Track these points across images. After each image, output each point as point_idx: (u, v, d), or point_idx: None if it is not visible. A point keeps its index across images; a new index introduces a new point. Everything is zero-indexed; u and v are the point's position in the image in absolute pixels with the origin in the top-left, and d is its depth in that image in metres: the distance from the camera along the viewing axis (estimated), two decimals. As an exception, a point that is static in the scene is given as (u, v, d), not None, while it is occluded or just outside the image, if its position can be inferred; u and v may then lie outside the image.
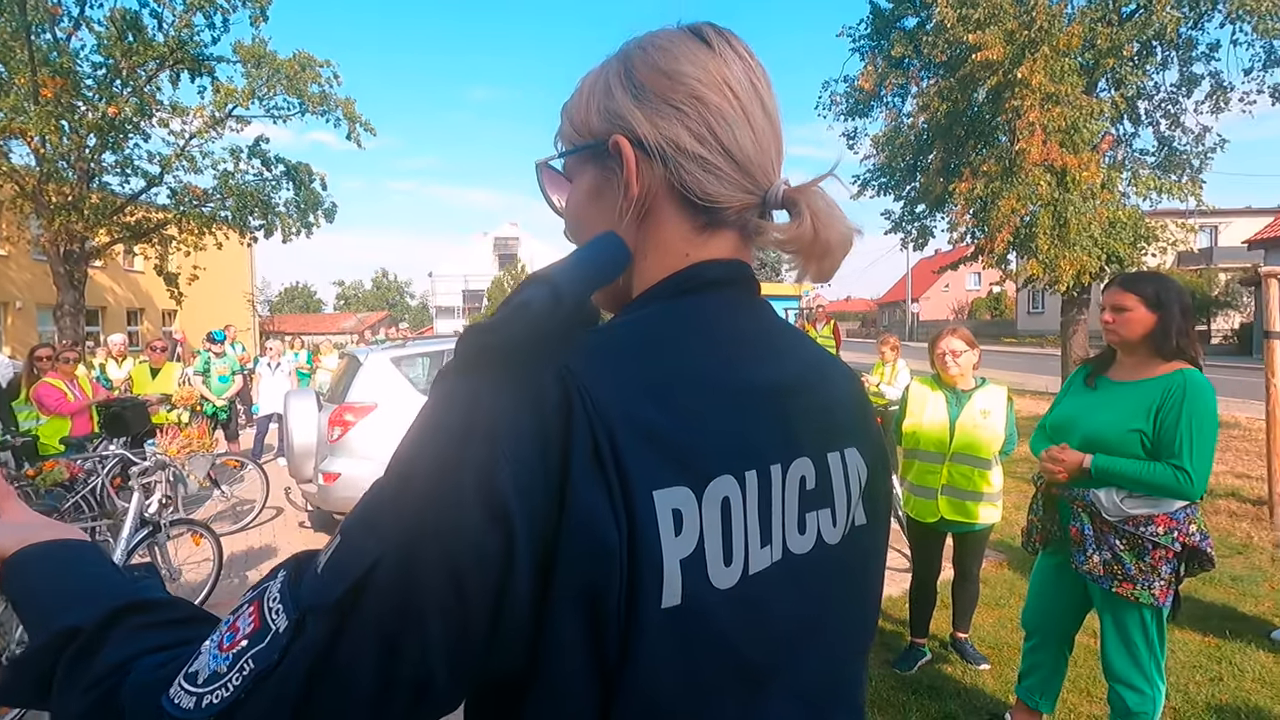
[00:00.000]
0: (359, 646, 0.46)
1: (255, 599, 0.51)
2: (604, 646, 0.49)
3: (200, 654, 0.49)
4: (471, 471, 0.47)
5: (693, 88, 0.60)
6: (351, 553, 0.48)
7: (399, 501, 0.49)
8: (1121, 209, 9.62)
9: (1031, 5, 8.59)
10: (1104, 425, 2.19)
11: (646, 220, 0.62)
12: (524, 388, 0.49)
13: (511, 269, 45.43)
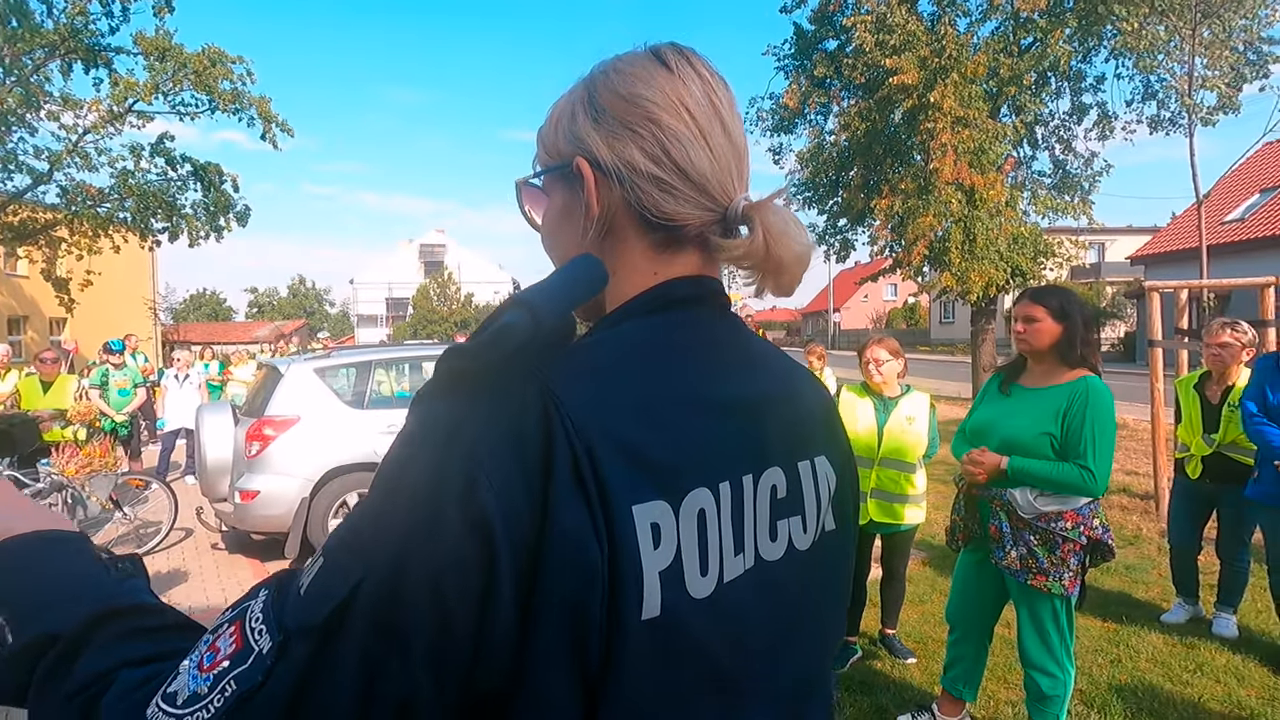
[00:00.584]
0: (344, 668, 0.46)
1: (236, 618, 0.50)
2: (587, 657, 0.49)
3: (179, 674, 0.49)
4: (453, 491, 0.47)
5: (648, 110, 0.61)
6: (335, 573, 0.48)
7: (381, 521, 0.49)
8: (1023, 226, 10.35)
9: (942, 34, 9.16)
10: (1018, 429, 2.36)
11: (610, 239, 0.64)
12: (504, 408, 0.50)
13: (438, 276, 44.33)
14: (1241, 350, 3.49)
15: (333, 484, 5.43)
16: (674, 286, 0.63)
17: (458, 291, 43.11)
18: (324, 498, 5.38)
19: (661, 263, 0.63)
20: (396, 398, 6.13)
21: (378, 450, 5.59)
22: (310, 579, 0.49)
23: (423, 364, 6.85)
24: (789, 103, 12.03)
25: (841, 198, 11.84)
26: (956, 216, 9.51)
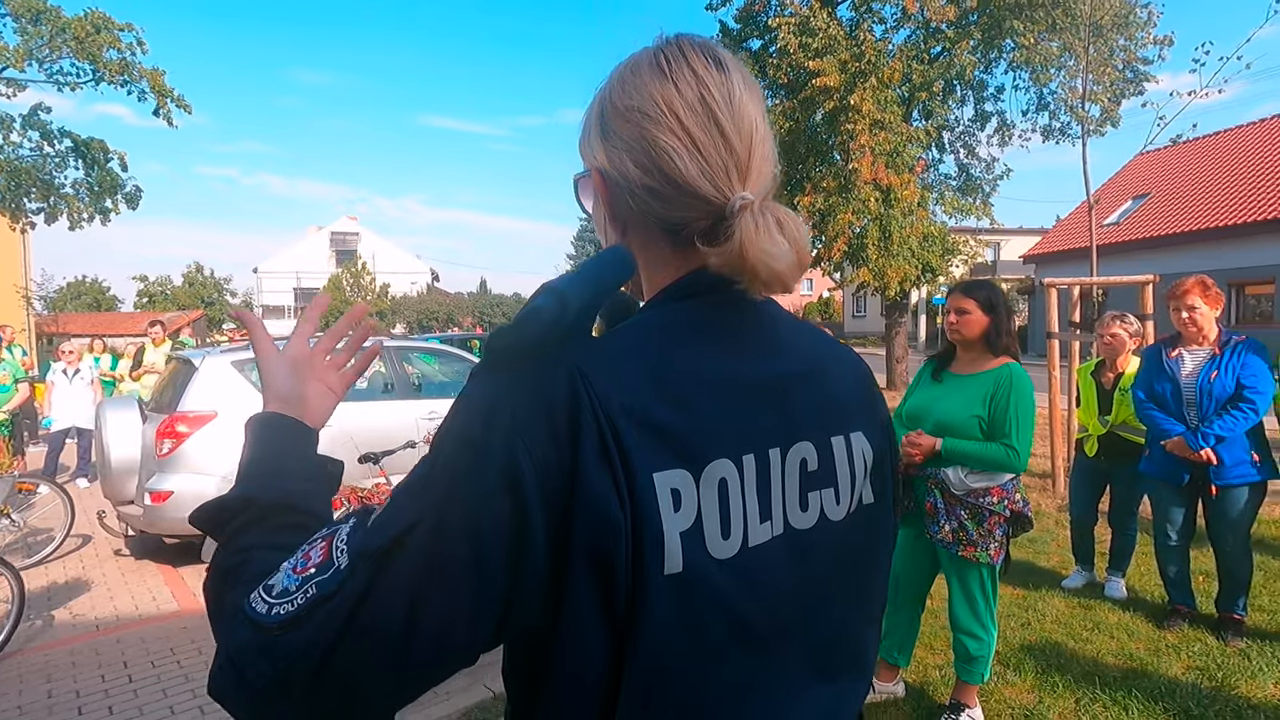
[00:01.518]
0: (393, 592, 0.53)
1: (328, 536, 0.59)
2: (615, 605, 0.56)
3: (278, 571, 0.58)
4: (493, 454, 0.54)
5: (638, 123, 0.65)
6: (395, 513, 0.56)
7: (435, 474, 0.57)
8: (932, 225, 11.00)
9: (861, 40, 9.59)
10: (949, 412, 2.55)
11: (634, 236, 0.70)
12: (536, 383, 0.57)
13: (350, 266, 42.42)
14: (1129, 340, 3.88)
15: (254, 482, 5.17)
16: (699, 276, 0.66)
17: (372, 282, 41.42)
18: (245, 497, 5.11)
19: (682, 256, 0.68)
20: (323, 391, 5.87)
21: (303, 446, 5.36)
22: (377, 516, 0.57)
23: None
24: (715, 99, 12.27)
25: (767, 194, 12.21)
26: (874, 215, 10.01)
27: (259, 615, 0.56)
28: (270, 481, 0.68)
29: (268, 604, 0.56)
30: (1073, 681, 2.95)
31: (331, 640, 0.53)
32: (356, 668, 0.54)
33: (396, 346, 6.39)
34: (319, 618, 0.54)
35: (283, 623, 0.54)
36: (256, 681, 0.54)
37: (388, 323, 38.37)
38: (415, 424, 5.89)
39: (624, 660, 0.57)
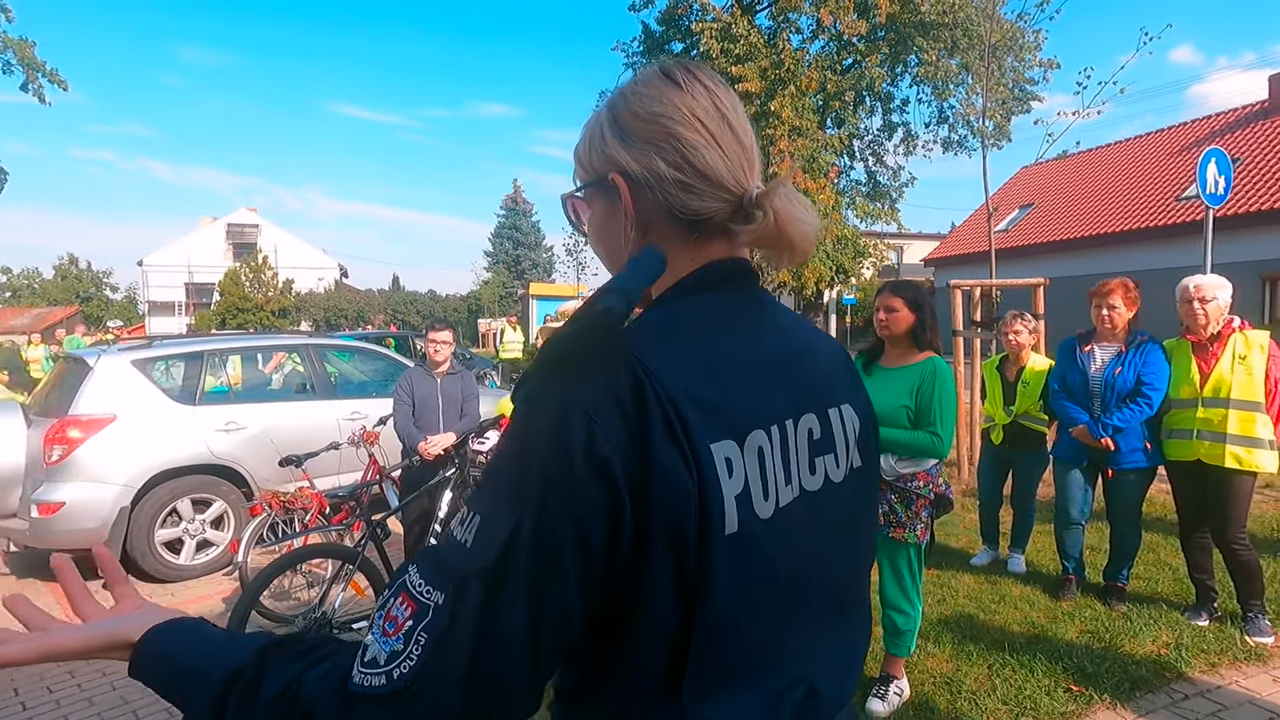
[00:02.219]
0: (516, 595, 0.57)
1: (399, 590, 0.61)
2: (684, 571, 0.63)
3: (368, 647, 0.59)
4: (579, 447, 0.59)
5: (665, 125, 0.73)
6: (494, 522, 0.60)
7: (523, 476, 0.60)
8: (845, 228, 11.55)
9: (780, 49, 9.95)
10: (880, 403, 2.70)
11: (650, 235, 0.76)
12: (603, 378, 0.63)
13: (250, 260, 39.84)
14: (1029, 337, 4.24)
15: (159, 490, 4.83)
16: (712, 269, 0.75)
17: (274, 277, 39.12)
18: (149, 506, 4.76)
19: (696, 249, 0.76)
20: (238, 392, 5.54)
21: (214, 450, 5.05)
22: (472, 533, 0.60)
23: (258, 355, 6.26)
24: (639, 100, 12.41)
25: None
26: (792, 217, 10.42)
27: (380, 688, 0.57)
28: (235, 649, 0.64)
29: (383, 672, 0.57)
30: (985, 649, 3.21)
31: (464, 668, 0.56)
32: (498, 680, 0.57)
33: (314, 344, 6.10)
34: (446, 654, 0.57)
35: (411, 678, 0.56)
36: None
37: (292, 320, 36.36)
38: (336, 424, 5.66)
39: (693, 616, 0.62)
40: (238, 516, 5.13)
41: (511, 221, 45.54)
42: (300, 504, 4.38)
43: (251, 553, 4.12)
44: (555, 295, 24.99)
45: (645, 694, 0.64)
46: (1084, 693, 2.84)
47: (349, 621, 3.26)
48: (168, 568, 4.85)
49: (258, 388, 5.82)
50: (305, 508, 4.41)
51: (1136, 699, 2.81)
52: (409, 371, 4.44)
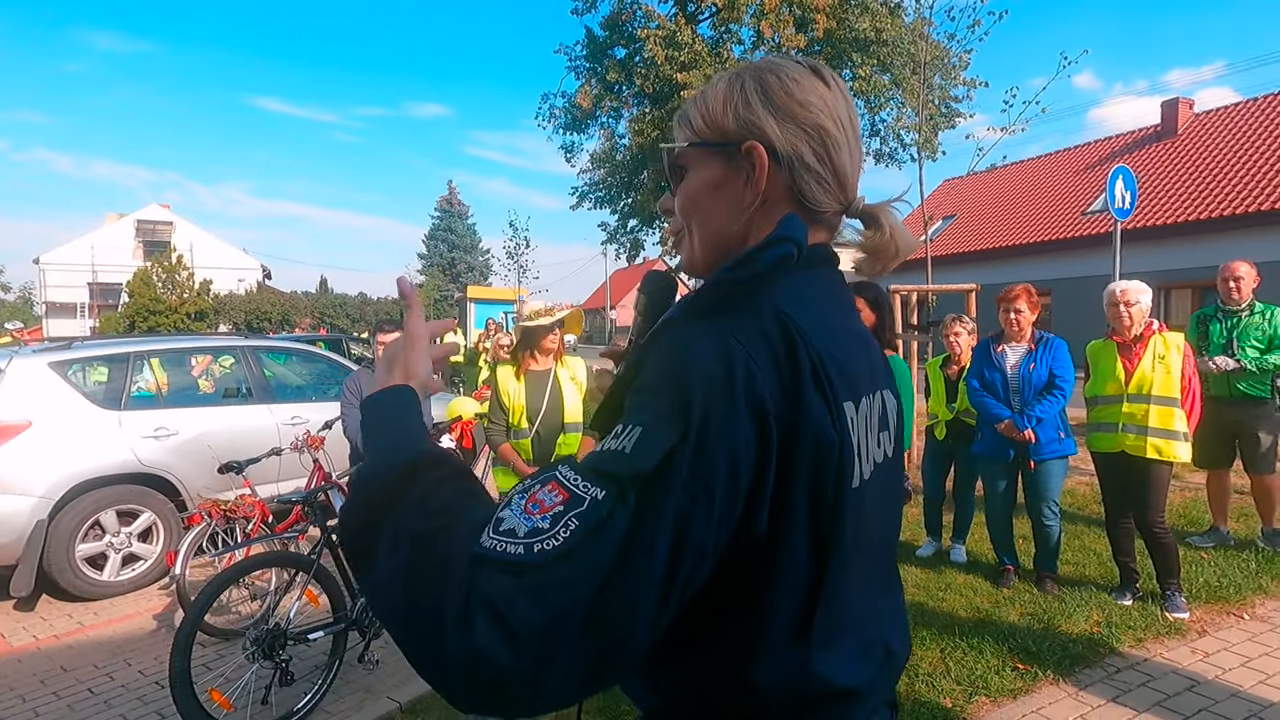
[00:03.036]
0: (665, 510, 0.57)
1: (548, 480, 0.62)
2: (820, 517, 0.66)
3: (504, 518, 0.59)
4: (740, 385, 0.61)
5: (817, 118, 0.76)
6: (656, 435, 0.60)
7: (684, 403, 0.61)
8: (785, 235, 11.88)
9: (725, 59, 10.16)
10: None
11: (764, 212, 0.78)
12: (755, 325, 0.66)
13: (163, 259, 37.47)
14: (969, 338, 4.49)
15: (81, 501, 4.50)
16: (816, 250, 0.79)
17: (190, 278, 36.94)
18: (68, 518, 4.43)
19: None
20: (168, 396, 5.22)
21: (142, 458, 4.75)
22: (632, 441, 0.60)
23: (191, 357, 5.92)
24: (582, 103, 12.38)
25: (635, 199, 12.50)
26: (735, 223, 10.65)
27: (515, 557, 0.55)
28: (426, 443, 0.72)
29: (522, 544, 0.56)
30: (936, 634, 3.37)
31: (608, 567, 0.55)
32: (629, 593, 0.55)
33: (251, 346, 5.82)
34: (592, 546, 0.55)
35: (551, 558, 0.55)
36: (524, 627, 0.53)
37: (210, 324, 34.43)
38: (276, 429, 5.43)
39: (825, 567, 0.66)
40: (168, 528, 4.84)
41: (446, 224, 44.56)
42: (242, 512, 4.17)
43: (190, 565, 3.90)
44: (494, 299, 24.58)
45: (776, 643, 0.67)
46: (1030, 670, 3.02)
47: (305, 632, 3.12)
48: (90, 585, 4.52)
49: (190, 391, 5.50)
50: (247, 516, 4.20)
51: (1076, 674, 3.01)
52: (357, 373, 4.31)
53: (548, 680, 0.54)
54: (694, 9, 11.73)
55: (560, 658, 0.54)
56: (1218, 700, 2.78)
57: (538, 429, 3.43)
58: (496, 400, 3.51)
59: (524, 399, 3.44)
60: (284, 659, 2.99)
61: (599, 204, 13.25)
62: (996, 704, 2.83)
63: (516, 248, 21.57)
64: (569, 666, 0.54)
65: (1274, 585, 3.86)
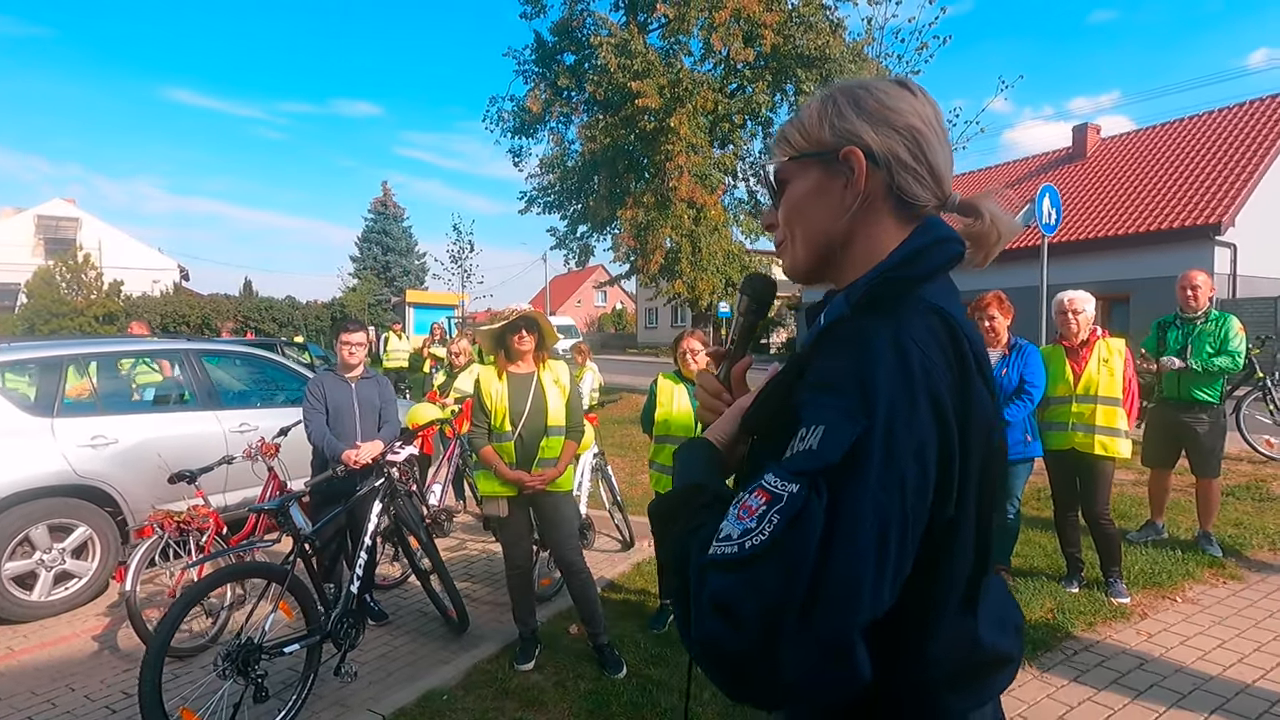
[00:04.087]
0: (862, 496, 0.62)
1: (755, 488, 0.67)
2: (984, 498, 0.73)
3: (724, 527, 0.67)
4: (918, 377, 0.67)
5: (909, 120, 0.83)
6: (837, 429, 0.65)
7: (866, 395, 0.66)
8: (733, 244, 12.12)
9: (677, 69, 10.32)
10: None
11: (865, 212, 0.84)
12: (924, 322, 0.72)
13: (67, 258, 34.83)
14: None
15: (8, 516, 4.16)
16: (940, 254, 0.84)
17: (98, 278, 34.48)
18: (-6, 535, 4.08)
19: (902, 230, 0.84)
20: (107, 402, 4.89)
21: (78, 468, 4.43)
22: (817, 439, 0.65)
23: (131, 361, 5.57)
24: (532, 107, 12.32)
25: (586, 205, 12.51)
26: (686, 231, 10.79)
27: (731, 555, 0.62)
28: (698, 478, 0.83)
29: (735, 544, 0.63)
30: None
31: (814, 553, 0.60)
32: (841, 576, 0.60)
33: (195, 350, 5.52)
34: (795, 536, 0.60)
35: (759, 552, 0.61)
36: (746, 614, 0.59)
37: (120, 327, 32.26)
38: (224, 436, 5.17)
39: (986, 543, 0.72)
40: (105, 544, 4.53)
41: (381, 226, 43.19)
42: (196, 524, 3.95)
43: (140, 580, 3.66)
44: (435, 303, 24.05)
45: (949, 615, 0.72)
46: (998, 656, 3.20)
47: (279, 645, 2.99)
48: (18, 606, 4.17)
49: (130, 397, 5.17)
50: (201, 528, 3.98)
51: (1039, 657, 3.21)
52: (319, 376, 4.15)
53: (782, 662, 0.58)
54: (644, 19, 11.88)
55: (786, 640, 0.58)
56: (1165, 676, 3.02)
57: (520, 432, 3.40)
58: (479, 403, 3.46)
59: (506, 401, 3.41)
60: (260, 674, 2.85)
61: (548, 209, 13.19)
62: (971, 688, 2.98)
63: (460, 251, 21.17)
64: (797, 648, 0.59)
65: (1201, 571, 4.22)
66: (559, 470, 3.40)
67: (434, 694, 3.13)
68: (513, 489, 3.39)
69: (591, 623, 3.42)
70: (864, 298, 0.73)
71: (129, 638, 3.99)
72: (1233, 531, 4.82)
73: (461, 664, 3.44)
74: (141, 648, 3.71)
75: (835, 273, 0.88)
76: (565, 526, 3.46)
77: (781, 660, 0.59)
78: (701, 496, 0.77)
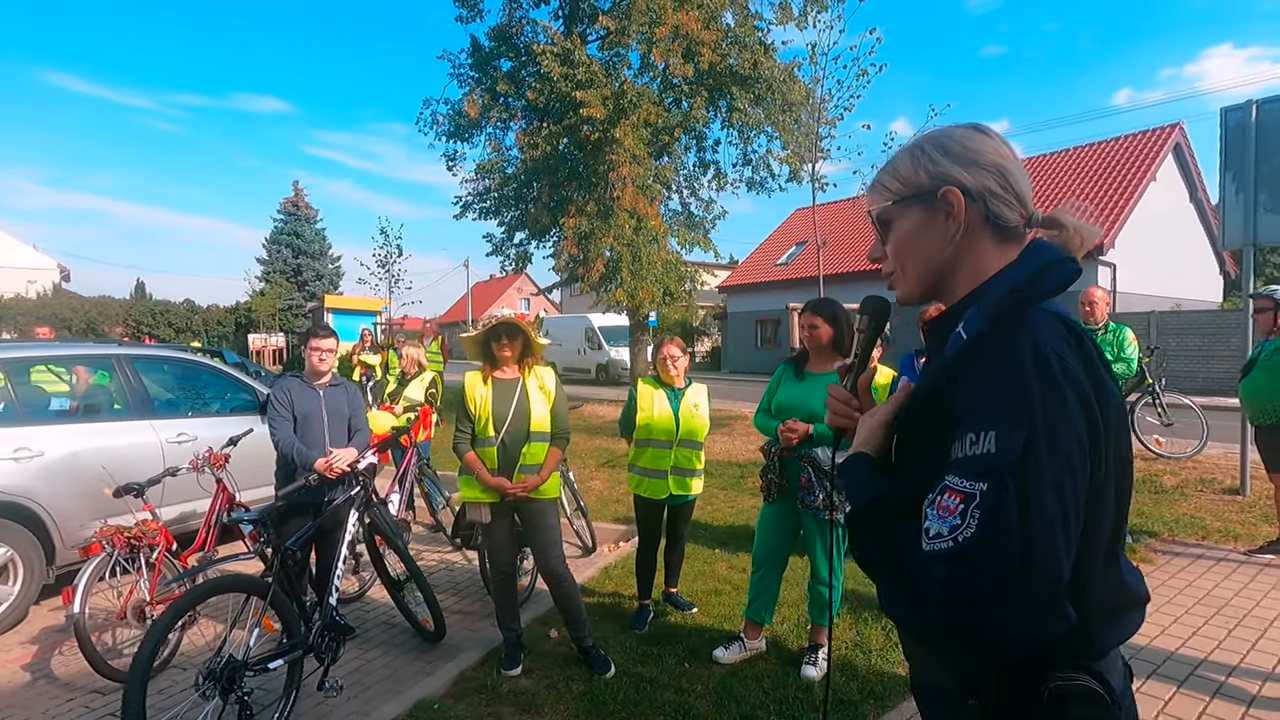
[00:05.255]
0: (1043, 485, 0.78)
1: (943, 489, 0.84)
2: (1122, 466, 0.89)
3: (929, 527, 0.84)
4: (1060, 376, 0.83)
5: (991, 158, 1.00)
6: (1009, 432, 0.80)
7: (1024, 399, 0.80)
8: (670, 254, 12.35)
9: (621, 81, 10.47)
10: (816, 402, 3.12)
11: (966, 239, 1.00)
12: (1053, 327, 0.88)
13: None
14: (877, 350, 5.03)
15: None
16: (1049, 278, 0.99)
17: (-38, 278, 31.02)
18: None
19: (1000, 253, 1.01)
20: (30, 412, 4.49)
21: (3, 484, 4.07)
22: (992, 442, 0.81)
23: (57, 367, 5.15)
24: (469, 112, 12.15)
25: (526, 212, 12.41)
26: (628, 241, 10.93)
27: (948, 549, 0.79)
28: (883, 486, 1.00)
29: (948, 540, 0.79)
30: (875, 615, 3.75)
31: (1016, 536, 0.76)
32: (1041, 549, 0.75)
33: (128, 355, 5.16)
34: (998, 525, 0.77)
35: (972, 542, 0.77)
36: (977, 594, 0.76)
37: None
38: (160, 447, 4.87)
39: (1125, 501, 0.88)
40: (29, 566, 4.18)
41: (292, 227, 41.03)
42: (148, 540, 3.71)
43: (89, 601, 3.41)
44: (357, 309, 23.11)
45: (1099, 564, 0.87)
46: (960, 638, 3.47)
47: (263, 661, 2.87)
48: (-71, 637, 3.78)
49: (57, 407, 4.78)
50: (152, 544, 3.74)
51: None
52: (284, 383, 3.99)
53: (1013, 624, 0.76)
54: (584, 29, 11.98)
55: (1013, 607, 0.76)
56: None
57: (503, 437, 3.40)
58: (462, 408, 3.44)
59: (491, 406, 3.40)
60: (245, 692, 2.73)
61: (485, 215, 13.01)
62: (941, 668, 3.23)
63: (388, 256, 20.46)
64: (1023, 610, 0.76)
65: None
66: (542, 477, 3.41)
67: (424, 704, 3.09)
68: (495, 495, 3.39)
69: (576, 627, 3.45)
70: (1000, 315, 0.88)
71: (66, 665, 3.70)
72: (1136, 520, 5.38)
73: (446, 673, 3.40)
74: (87, 673, 3.46)
75: (946, 293, 1.04)
76: (549, 534, 3.47)
77: (1012, 622, 0.77)
78: (888, 506, 0.95)
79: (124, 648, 3.76)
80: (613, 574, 4.74)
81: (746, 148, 14.37)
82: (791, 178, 13.95)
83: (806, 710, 2.92)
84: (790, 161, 13.24)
